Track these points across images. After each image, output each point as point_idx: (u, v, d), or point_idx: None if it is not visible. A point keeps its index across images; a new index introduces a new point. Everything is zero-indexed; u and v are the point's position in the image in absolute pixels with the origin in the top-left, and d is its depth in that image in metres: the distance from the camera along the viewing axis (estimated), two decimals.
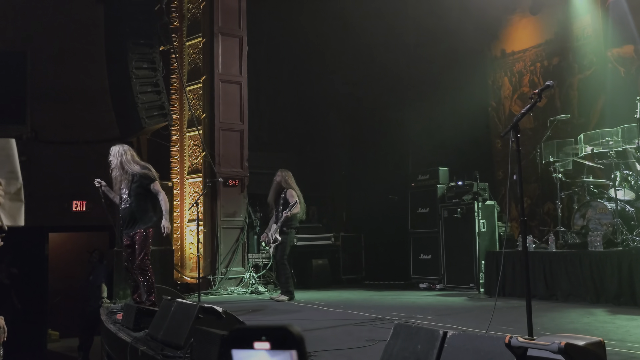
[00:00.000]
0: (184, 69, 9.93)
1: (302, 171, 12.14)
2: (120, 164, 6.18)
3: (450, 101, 10.24)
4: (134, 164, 6.22)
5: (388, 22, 10.42)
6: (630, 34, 8.66)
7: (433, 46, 10.59)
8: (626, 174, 7.10)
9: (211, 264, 9.10)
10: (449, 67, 10.55)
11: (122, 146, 6.33)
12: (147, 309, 5.40)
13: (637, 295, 5.97)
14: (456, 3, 9.84)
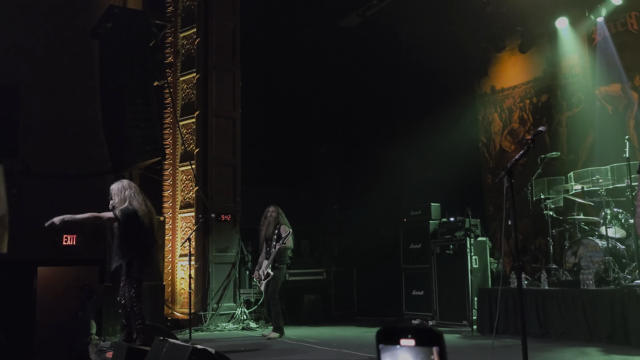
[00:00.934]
0: (178, 104, 9.99)
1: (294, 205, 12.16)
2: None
3: (441, 136, 10.35)
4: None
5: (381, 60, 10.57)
6: (617, 72, 8.84)
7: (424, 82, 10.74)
8: (616, 211, 7.17)
9: (202, 299, 9.03)
10: (440, 103, 10.69)
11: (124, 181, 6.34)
12: (139, 348, 5.33)
13: (630, 334, 5.97)
14: (447, 40, 10.02)
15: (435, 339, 1.07)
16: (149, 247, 6.08)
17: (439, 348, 1.06)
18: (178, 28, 10.20)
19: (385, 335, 1.10)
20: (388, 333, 1.10)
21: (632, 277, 6.50)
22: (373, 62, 10.90)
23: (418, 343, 1.07)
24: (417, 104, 11.10)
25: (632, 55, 8.66)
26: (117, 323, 8.14)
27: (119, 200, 6.03)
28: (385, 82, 11.09)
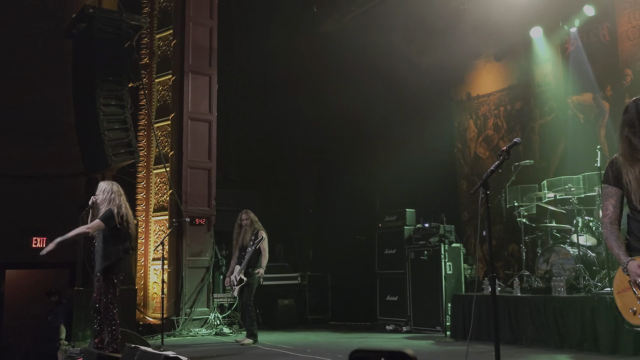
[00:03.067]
0: (153, 106, 9.89)
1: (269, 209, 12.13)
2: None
3: (417, 142, 10.41)
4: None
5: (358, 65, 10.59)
6: (589, 82, 8.99)
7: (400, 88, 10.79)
8: (587, 220, 7.28)
9: (175, 304, 8.93)
10: (416, 109, 10.76)
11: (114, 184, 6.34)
12: (109, 356, 5.25)
13: (599, 341, 6.06)
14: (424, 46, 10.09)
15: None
16: (127, 252, 6.05)
17: None
18: (154, 29, 10.10)
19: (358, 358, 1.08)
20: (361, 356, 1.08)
21: (602, 284, 6.60)
22: (349, 66, 10.92)
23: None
24: (393, 109, 11.15)
25: (603, 66, 8.82)
26: (88, 328, 8.01)
27: (102, 199, 6.02)
28: (362, 87, 11.11)
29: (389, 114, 11.25)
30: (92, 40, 8.78)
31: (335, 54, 10.78)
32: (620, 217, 3.07)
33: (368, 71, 10.60)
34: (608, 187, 3.07)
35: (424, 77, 10.24)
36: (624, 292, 2.96)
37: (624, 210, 3.11)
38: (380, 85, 10.95)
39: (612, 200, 3.03)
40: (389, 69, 10.07)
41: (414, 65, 10.00)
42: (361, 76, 10.79)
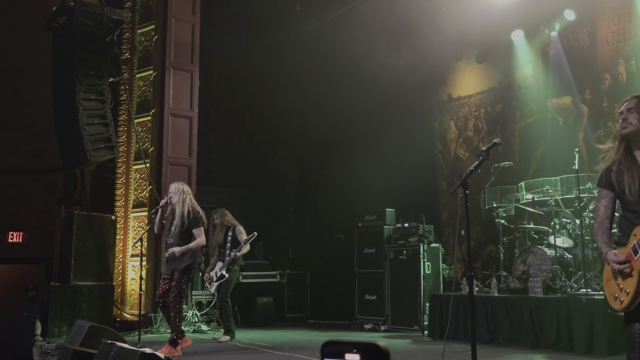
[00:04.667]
0: (133, 101, 9.80)
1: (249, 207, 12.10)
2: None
3: (397, 142, 10.46)
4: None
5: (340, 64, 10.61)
6: (569, 85, 9.11)
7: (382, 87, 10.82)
8: (565, 222, 7.38)
9: (153, 301, 8.85)
10: (398, 109, 10.81)
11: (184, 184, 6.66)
12: (85, 352, 5.19)
13: (574, 341, 6.15)
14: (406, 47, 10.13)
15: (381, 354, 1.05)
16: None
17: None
18: (136, 24, 10.01)
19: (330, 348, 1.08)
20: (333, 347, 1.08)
21: (578, 285, 6.69)
22: (332, 65, 10.93)
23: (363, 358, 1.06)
24: (374, 109, 11.18)
25: (583, 70, 8.94)
26: (64, 324, 7.93)
27: (177, 199, 6.44)
28: (344, 86, 11.13)
29: (370, 113, 11.28)
30: (72, 33, 8.67)
31: (317, 53, 10.78)
32: (612, 216, 3.32)
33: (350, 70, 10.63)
34: (601, 190, 3.36)
35: (405, 77, 10.28)
36: (609, 281, 3.20)
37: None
38: (361, 85, 10.98)
39: (603, 201, 3.31)
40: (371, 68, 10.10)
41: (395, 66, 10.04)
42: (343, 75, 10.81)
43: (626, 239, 3.16)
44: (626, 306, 3.03)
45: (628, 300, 3.01)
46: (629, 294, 3.01)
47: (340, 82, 11.20)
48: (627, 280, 3.04)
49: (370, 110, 11.29)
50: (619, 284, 3.09)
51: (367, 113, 11.36)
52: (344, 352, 1.07)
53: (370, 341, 1.09)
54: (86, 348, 5.39)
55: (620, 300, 3.07)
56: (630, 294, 3.00)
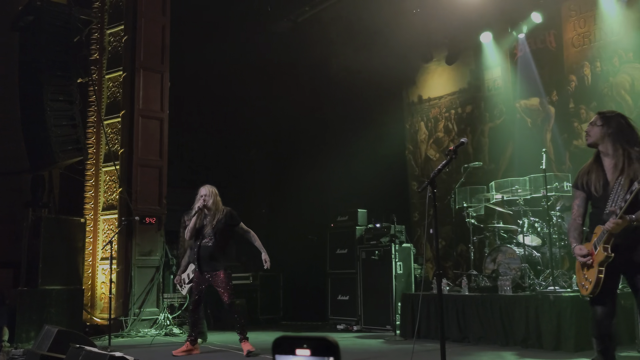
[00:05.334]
0: (103, 102, 9.68)
1: None
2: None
3: (369, 143, 10.52)
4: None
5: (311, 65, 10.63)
6: (536, 87, 9.27)
7: (353, 89, 10.88)
8: (533, 220, 7.50)
9: (124, 304, 8.76)
10: (369, 110, 10.87)
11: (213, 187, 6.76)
12: (53, 357, 5.11)
13: (543, 338, 6.25)
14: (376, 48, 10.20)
15: (330, 348, 1.08)
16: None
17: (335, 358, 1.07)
18: (105, 24, 9.89)
19: (281, 344, 1.10)
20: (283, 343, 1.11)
21: (546, 283, 6.81)
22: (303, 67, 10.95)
23: (313, 353, 1.08)
24: (346, 110, 11.23)
25: (550, 72, 9.11)
26: (32, 329, 7.79)
27: (213, 202, 6.59)
28: (315, 87, 11.16)
29: (341, 114, 11.33)
30: (39, 33, 8.52)
31: (289, 54, 10.79)
32: (584, 214, 3.84)
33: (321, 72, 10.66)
34: (575, 191, 3.92)
35: (376, 79, 10.36)
36: (578, 271, 3.80)
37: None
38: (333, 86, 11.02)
39: (577, 200, 3.87)
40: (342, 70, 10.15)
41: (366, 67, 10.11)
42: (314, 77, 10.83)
43: (592, 235, 3.70)
44: (590, 292, 3.63)
45: (591, 287, 3.60)
46: (591, 282, 3.59)
47: (312, 83, 11.22)
48: (590, 271, 3.62)
49: (342, 112, 11.34)
50: (584, 273, 3.68)
51: (338, 114, 11.41)
52: (295, 347, 1.09)
53: (320, 336, 1.11)
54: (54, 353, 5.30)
55: (586, 287, 3.66)
56: (592, 282, 3.58)
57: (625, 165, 3.57)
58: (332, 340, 1.07)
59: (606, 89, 8.39)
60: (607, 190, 3.63)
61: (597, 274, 3.53)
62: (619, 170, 3.60)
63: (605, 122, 3.74)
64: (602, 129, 3.73)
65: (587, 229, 3.94)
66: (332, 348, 1.08)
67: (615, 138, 3.67)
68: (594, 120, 3.82)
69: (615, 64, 8.31)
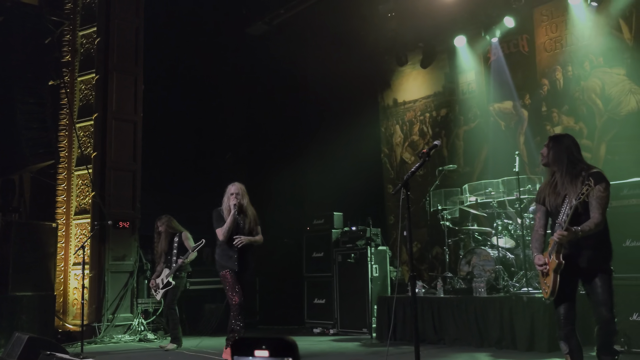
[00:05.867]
0: (75, 105, 9.53)
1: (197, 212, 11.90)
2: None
3: (344, 147, 10.54)
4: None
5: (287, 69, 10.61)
6: (510, 90, 9.39)
7: (328, 92, 10.89)
8: (506, 223, 7.58)
9: (97, 310, 8.63)
10: (344, 114, 10.89)
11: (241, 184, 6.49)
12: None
13: (517, 339, 6.31)
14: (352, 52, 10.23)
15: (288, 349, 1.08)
16: None
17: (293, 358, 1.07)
18: (77, 26, 9.75)
19: (240, 346, 1.10)
20: (242, 344, 1.11)
21: (520, 285, 6.88)
22: (278, 71, 10.93)
23: (272, 354, 1.09)
24: (321, 113, 11.24)
25: (523, 75, 9.23)
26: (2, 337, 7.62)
27: (247, 201, 6.42)
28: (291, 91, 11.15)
29: (317, 117, 11.33)
30: (9, 34, 8.38)
31: (264, 57, 10.76)
32: (545, 226, 4.26)
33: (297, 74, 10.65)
34: (536, 205, 4.35)
35: (351, 82, 10.39)
36: (540, 277, 4.17)
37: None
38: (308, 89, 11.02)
39: (538, 214, 4.30)
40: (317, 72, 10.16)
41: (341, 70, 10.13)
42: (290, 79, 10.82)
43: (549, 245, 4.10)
44: (549, 296, 4.01)
45: (549, 290, 4.00)
46: (549, 287, 4.00)
47: (288, 86, 11.20)
48: (547, 277, 4.03)
49: (318, 115, 11.34)
50: (544, 280, 4.09)
51: (314, 117, 11.41)
52: (253, 348, 1.09)
53: (278, 337, 1.13)
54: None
55: (546, 292, 4.06)
56: (550, 287, 3.98)
57: (571, 182, 4.00)
58: (290, 341, 1.07)
59: (577, 92, 8.53)
60: (558, 205, 4.05)
61: (553, 279, 3.95)
62: (566, 187, 4.02)
63: (555, 144, 4.19)
64: (551, 150, 4.19)
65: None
66: (290, 348, 1.08)
67: (564, 158, 4.09)
68: (546, 142, 4.27)
69: (586, 68, 8.45)
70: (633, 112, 7.95)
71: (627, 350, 5.63)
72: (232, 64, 11.32)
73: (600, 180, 3.92)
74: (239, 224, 6.31)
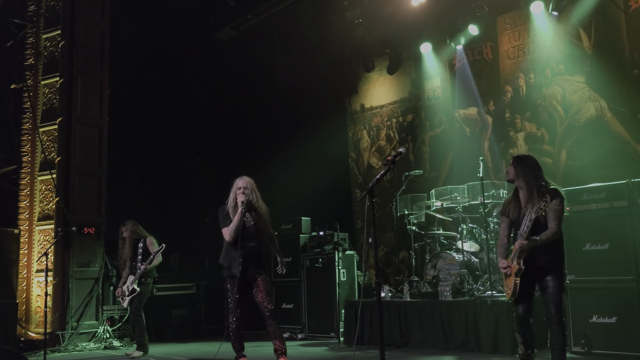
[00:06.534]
0: (38, 109, 9.37)
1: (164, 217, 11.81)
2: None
3: (312, 152, 10.58)
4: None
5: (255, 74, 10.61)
6: (474, 97, 9.56)
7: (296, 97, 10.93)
8: (471, 227, 7.71)
9: (61, 318, 8.48)
10: (312, 119, 10.93)
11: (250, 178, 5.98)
12: None
13: (481, 342, 6.42)
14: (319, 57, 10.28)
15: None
16: None
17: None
18: (41, 29, 9.59)
19: None
20: None
21: (484, 288, 7.00)
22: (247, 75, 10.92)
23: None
24: (289, 118, 11.26)
25: (487, 82, 9.41)
26: None
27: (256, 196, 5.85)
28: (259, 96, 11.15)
29: (285, 122, 11.35)
30: None
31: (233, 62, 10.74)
32: (509, 235, 4.77)
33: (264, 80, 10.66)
34: (501, 217, 4.88)
35: (319, 87, 10.44)
36: (504, 280, 4.70)
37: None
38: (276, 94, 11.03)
39: (503, 224, 4.83)
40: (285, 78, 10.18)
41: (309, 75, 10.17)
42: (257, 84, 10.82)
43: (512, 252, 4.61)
44: (511, 296, 4.55)
45: (511, 292, 4.53)
46: (511, 288, 4.53)
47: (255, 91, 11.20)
48: (509, 279, 4.57)
49: (285, 120, 11.36)
50: (507, 282, 4.61)
51: (282, 122, 11.43)
52: None
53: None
54: None
55: (508, 292, 4.59)
56: (511, 288, 4.51)
57: (532, 197, 4.53)
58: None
59: (539, 99, 8.73)
60: (520, 217, 4.57)
61: (514, 282, 4.47)
62: (528, 202, 4.55)
63: (519, 164, 4.70)
64: (516, 169, 4.70)
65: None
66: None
67: (526, 176, 4.62)
68: (511, 161, 4.78)
69: (547, 75, 8.66)
70: (592, 119, 8.18)
71: (587, 351, 5.78)
72: (201, 68, 11.27)
73: (556, 196, 4.49)
74: (246, 224, 5.69)
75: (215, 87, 11.39)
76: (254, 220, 5.74)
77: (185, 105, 11.54)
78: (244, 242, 5.63)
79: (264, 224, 5.79)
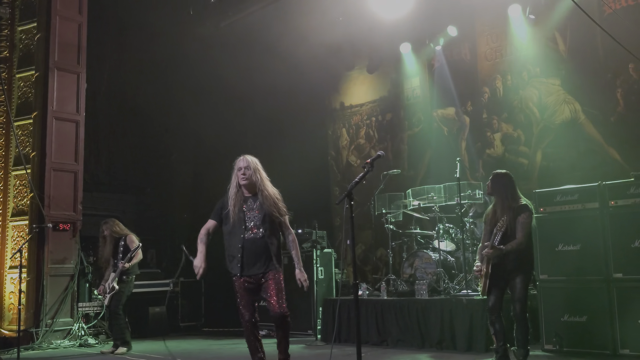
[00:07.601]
0: (13, 103, 9.23)
1: (141, 214, 11.77)
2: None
3: (292, 149, 10.58)
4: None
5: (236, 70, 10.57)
6: (452, 97, 9.66)
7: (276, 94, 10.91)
8: (448, 226, 7.80)
9: (35, 315, 8.39)
10: (292, 116, 10.94)
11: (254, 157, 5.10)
12: None
13: (456, 340, 6.51)
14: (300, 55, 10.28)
15: None
16: None
17: None
18: (16, 20, 9.44)
19: None
20: None
21: (460, 287, 7.09)
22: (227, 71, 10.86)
23: None
24: (270, 115, 11.25)
25: (465, 83, 9.51)
26: None
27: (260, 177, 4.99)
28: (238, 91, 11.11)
29: (265, 119, 11.33)
30: None
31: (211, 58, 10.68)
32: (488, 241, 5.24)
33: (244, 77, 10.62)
34: (483, 224, 5.54)
35: (299, 85, 10.44)
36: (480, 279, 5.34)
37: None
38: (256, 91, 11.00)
39: (484, 231, 5.43)
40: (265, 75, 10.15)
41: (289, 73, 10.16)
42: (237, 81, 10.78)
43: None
44: (482, 292, 5.28)
45: (483, 290, 5.25)
46: (483, 286, 5.24)
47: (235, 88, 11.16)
48: (482, 279, 5.26)
49: (266, 116, 11.34)
50: (480, 281, 5.30)
51: (262, 119, 11.41)
52: None
53: None
54: None
55: (480, 289, 5.32)
56: (483, 285, 5.23)
57: (504, 212, 5.19)
58: None
59: (516, 101, 8.86)
60: (494, 226, 5.23)
61: (485, 281, 5.21)
62: (501, 214, 5.21)
63: (497, 180, 5.34)
64: (492, 186, 5.35)
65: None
66: None
67: (500, 193, 5.29)
68: (491, 177, 5.39)
69: (524, 77, 8.78)
70: (567, 121, 8.32)
71: (559, 349, 5.90)
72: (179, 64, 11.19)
73: (525, 210, 5.20)
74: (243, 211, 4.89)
75: (194, 83, 11.33)
76: (258, 207, 4.85)
77: (163, 100, 11.45)
78: (245, 232, 4.82)
79: (271, 210, 4.83)
